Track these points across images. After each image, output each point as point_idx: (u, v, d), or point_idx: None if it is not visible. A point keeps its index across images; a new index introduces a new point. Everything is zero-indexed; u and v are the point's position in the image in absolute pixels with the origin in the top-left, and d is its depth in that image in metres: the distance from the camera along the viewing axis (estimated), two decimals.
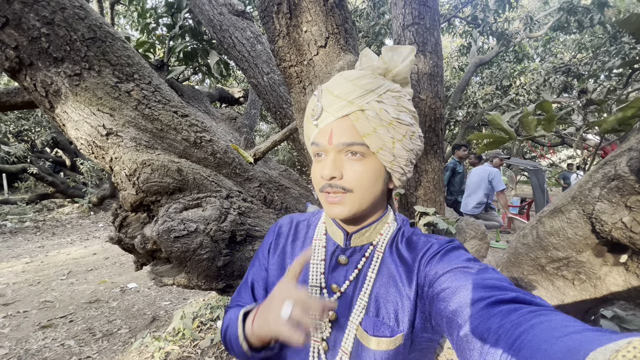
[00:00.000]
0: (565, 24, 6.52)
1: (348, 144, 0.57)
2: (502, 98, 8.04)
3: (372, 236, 0.66)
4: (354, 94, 0.56)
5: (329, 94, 0.58)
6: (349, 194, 0.58)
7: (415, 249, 0.62)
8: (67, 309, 3.44)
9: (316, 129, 0.60)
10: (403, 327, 0.57)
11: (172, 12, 2.90)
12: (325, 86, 0.60)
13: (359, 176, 0.58)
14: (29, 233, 7.11)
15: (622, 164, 0.79)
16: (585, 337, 0.30)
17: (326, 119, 0.58)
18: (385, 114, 0.57)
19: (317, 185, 0.62)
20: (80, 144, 1.27)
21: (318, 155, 0.61)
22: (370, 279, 0.62)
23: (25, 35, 1.10)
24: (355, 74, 0.59)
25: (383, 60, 0.60)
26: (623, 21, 0.88)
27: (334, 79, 0.61)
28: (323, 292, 0.65)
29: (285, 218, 0.80)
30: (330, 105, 0.58)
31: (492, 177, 4.71)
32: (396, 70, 0.60)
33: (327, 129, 0.58)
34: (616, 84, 4.59)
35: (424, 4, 2.11)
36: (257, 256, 0.78)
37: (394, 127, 0.58)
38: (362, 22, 6.84)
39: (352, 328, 0.59)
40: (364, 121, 0.56)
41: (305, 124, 0.65)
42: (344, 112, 0.56)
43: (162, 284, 1.20)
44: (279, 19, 1.17)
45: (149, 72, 1.35)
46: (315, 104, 0.60)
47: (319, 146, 0.59)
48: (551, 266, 1.03)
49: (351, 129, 0.57)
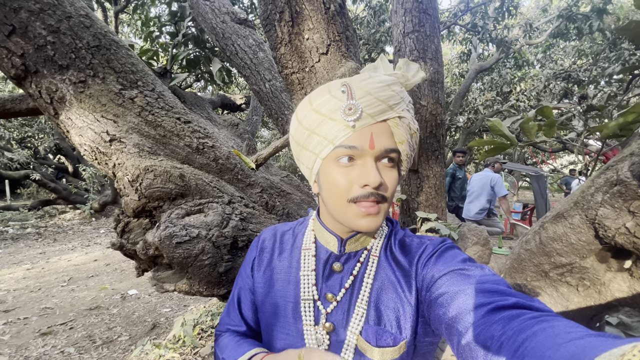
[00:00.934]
0: (565, 31, 6.57)
1: (390, 150, 0.54)
2: (502, 104, 8.06)
3: (366, 241, 0.64)
4: (392, 99, 0.55)
5: (366, 93, 0.53)
6: (383, 204, 0.55)
7: (410, 252, 0.61)
8: (67, 315, 3.43)
9: (350, 130, 0.53)
10: (406, 333, 0.56)
11: (176, 21, 2.94)
12: (357, 84, 0.55)
13: (393, 184, 0.56)
14: (30, 239, 7.11)
15: (624, 169, 0.79)
16: (589, 342, 0.29)
17: (365, 121, 0.53)
18: (412, 124, 0.58)
19: (347, 194, 0.54)
20: (83, 150, 1.28)
21: (350, 158, 0.54)
22: (367, 284, 0.60)
23: (32, 43, 1.12)
24: (388, 79, 0.57)
25: (403, 71, 0.61)
26: (622, 28, 0.89)
27: (364, 78, 0.56)
28: (317, 304, 0.62)
29: (268, 231, 0.75)
30: (371, 106, 0.53)
31: (494, 182, 4.70)
32: (409, 83, 0.61)
33: (365, 131, 0.53)
34: (616, 90, 4.61)
35: (424, 12, 2.13)
36: (241, 274, 0.74)
37: (415, 137, 0.59)
38: (362, 29, 6.91)
39: (352, 338, 0.57)
40: (401, 128, 0.56)
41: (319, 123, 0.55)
42: (385, 116, 0.54)
43: (164, 290, 1.19)
44: (281, 27, 1.19)
45: (152, 79, 1.36)
46: (350, 102, 0.53)
47: (357, 150, 0.53)
48: (555, 272, 1.03)
49: (390, 134, 0.55)
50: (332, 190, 0.56)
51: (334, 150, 0.54)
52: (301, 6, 1.15)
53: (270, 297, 0.67)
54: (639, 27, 0.86)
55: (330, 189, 0.56)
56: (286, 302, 0.65)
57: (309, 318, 0.61)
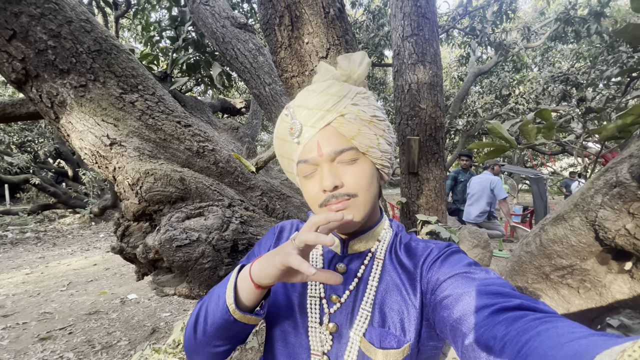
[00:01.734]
0: (563, 34, 6.61)
1: (339, 151, 0.57)
2: (501, 107, 8.09)
3: (369, 243, 0.65)
4: (329, 102, 0.57)
5: (303, 109, 0.58)
6: (354, 199, 0.57)
7: (416, 256, 0.62)
8: (66, 320, 3.41)
9: (299, 147, 0.58)
10: (410, 336, 0.56)
11: (176, 25, 2.95)
12: (296, 104, 0.60)
13: (358, 178, 0.57)
14: (29, 244, 7.10)
15: (624, 171, 0.79)
16: (592, 341, 0.30)
17: (308, 133, 0.57)
18: (363, 113, 0.58)
19: (316, 201, 0.59)
20: (84, 154, 1.28)
21: (307, 174, 0.59)
22: (372, 287, 0.60)
23: (32, 47, 1.12)
24: (322, 86, 0.59)
25: (342, 69, 0.62)
26: (620, 31, 0.90)
27: (301, 94, 0.61)
28: (322, 302, 0.62)
29: (286, 222, 0.78)
30: (309, 118, 0.57)
31: (494, 185, 4.70)
32: (356, 75, 0.62)
33: (312, 142, 0.57)
34: (615, 92, 4.63)
35: (423, 16, 2.15)
36: (253, 256, 0.74)
37: (374, 124, 0.59)
38: (362, 33, 6.95)
39: (355, 340, 0.57)
40: (347, 124, 0.56)
41: (281, 147, 0.63)
42: (325, 121, 0.56)
43: (164, 294, 1.19)
44: (280, 31, 1.19)
45: (152, 83, 1.37)
46: (292, 122, 0.59)
47: (309, 161, 0.58)
48: (555, 274, 1.02)
49: (337, 135, 0.57)
50: (308, 201, 0.62)
51: (298, 167, 0.60)
52: (301, 10, 1.16)
53: (280, 288, 0.68)
54: (637, 30, 0.87)
55: (307, 200, 0.62)
56: (294, 296, 0.65)
57: (315, 316, 0.61)
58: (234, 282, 0.55)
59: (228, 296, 0.54)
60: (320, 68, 0.65)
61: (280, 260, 0.48)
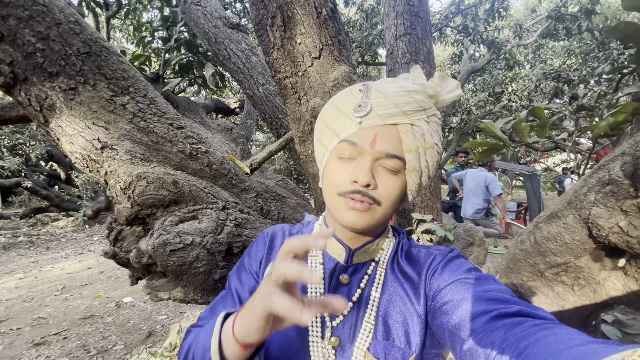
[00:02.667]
0: (554, 32, 6.67)
1: (390, 155, 0.53)
2: (495, 105, 8.14)
3: (374, 253, 0.62)
4: (409, 105, 0.53)
5: (380, 94, 0.54)
6: (375, 207, 0.54)
7: (419, 264, 0.60)
8: (61, 325, 3.37)
9: (355, 127, 0.54)
10: (415, 348, 0.54)
11: (168, 26, 2.93)
12: (376, 86, 0.56)
13: (391, 191, 0.54)
14: (22, 248, 7.00)
15: (616, 169, 0.79)
16: (591, 349, 0.30)
17: (373, 121, 0.53)
18: (429, 136, 0.55)
19: (338, 188, 0.55)
20: (75, 158, 1.26)
21: (348, 157, 0.55)
22: (375, 299, 0.58)
23: (21, 51, 1.10)
24: (411, 87, 0.56)
25: (435, 84, 0.58)
26: (611, 29, 0.91)
27: (387, 82, 0.57)
28: (324, 315, 0.58)
29: (276, 229, 0.72)
30: (382, 107, 0.53)
31: (489, 182, 4.73)
32: (442, 98, 0.59)
33: (371, 131, 0.53)
34: (606, 89, 4.67)
35: (416, 15, 2.15)
36: (244, 268, 0.67)
37: (432, 152, 0.56)
38: (355, 33, 6.95)
39: (360, 355, 0.54)
40: (411, 136, 0.53)
41: (333, 118, 0.57)
42: (395, 121, 0.53)
43: (158, 299, 1.18)
44: (273, 32, 1.18)
45: (144, 86, 1.35)
46: (363, 100, 0.54)
47: (357, 147, 0.54)
48: (550, 272, 1.03)
49: (397, 140, 0.53)
50: (328, 183, 0.57)
51: (338, 145, 0.56)
52: (293, 11, 1.15)
53: None
54: (628, 28, 0.88)
55: (328, 181, 0.57)
56: None
57: (317, 330, 0.58)
58: (218, 341, 0.45)
59: (214, 356, 0.45)
60: (415, 70, 0.61)
61: (262, 307, 0.38)
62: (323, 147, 0.60)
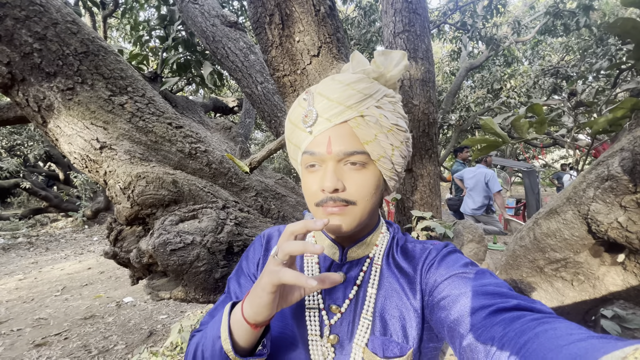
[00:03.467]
0: (552, 28, 6.66)
1: (349, 153, 0.53)
2: (493, 101, 8.14)
3: (368, 248, 0.63)
4: (352, 98, 0.53)
5: (323, 98, 0.54)
6: (351, 207, 0.54)
7: (414, 258, 0.60)
8: (61, 325, 3.37)
9: (309, 137, 0.54)
10: (412, 342, 0.54)
11: (165, 25, 2.91)
12: (317, 90, 0.55)
13: (361, 187, 0.54)
14: (22, 249, 6.99)
15: (615, 164, 0.80)
16: (591, 344, 0.29)
17: (322, 126, 0.53)
18: (385, 120, 0.54)
19: (313, 198, 0.55)
20: (73, 159, 1.26)
21: (311, 165, 0.55)
22: (372, 295, 0.58)
23: (18, 51, 1.10)
24: (351, 78, 0.55)
25: (377, 65, 0.57)
26: (610, 25, 0.90)
27: (326, 82, 0.56)
28: (322, 314, 0.59)
29: (272, 230, 0.72)
30: (327, 110, 0.53)
31: (488, 178, 4.73)
32: (389, 75, 0.57)
33: (323, 136, 0.53)
34: (604, 85, 4.68)
35: (414, 12, 2.14)
36: (242, 272, 0.68)
37: (393, 133, 0.55)
38: (353, 30, 6.92)
39: (358, 351, 0.55)
40: (364, 128, 0.53)
41: (291, 132, 0.58)
42: (343, 118, 0.52)
43: (159, 299, 1.18)
44: (271, 30, 1.18)
45: (142, 85, 1.35)
46: (308, 109, 0.54)
47: (315, 155, 0.54)
48: (550, 267, 1.03)
49: (351, 136, 0.53)
50: (305, 194, 0.58)
51: (302, 157, 0.57)
52: (291, 9, 1.15)
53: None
54: (626, 24, 0.88)
55: (305, 193, 0.58)
56: (289, 309, 0.61)
57: (315, 328, 0.58)
58: (227, 327, 0.49)
59: (224, 342, 0.49)
60: (353, 57, 0.59)
61: (270, 281, 0.43)
62: (294, 161, 0.62)
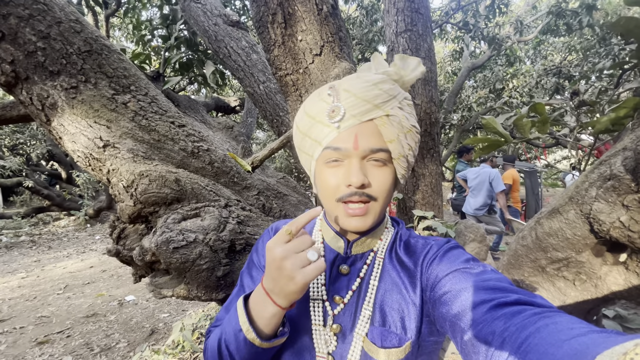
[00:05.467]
0: (555, 27, 6.63)
1: (375, 150, 0.55)
2: (495, 101, 8.12)
3: (372, 243, 0.65)
4: (379, 98, 0.54)
5: (350, 94, 0.55)
6: (372, 203, 0.56)
7: (415, 253, 0.62)
8: (64, 324, 3.39)
9: (335, 132, 0.55)
10: (410, 334, 0.56)
11: (167, 24, 2.92)
12: (343, 86, 0.56)
13: (382, 184, 0.56)
14: (24, 247, 7.03)
15: (618, 164, 0.79)
16: (592, 339, 0.30)
17: (350, 122, 0.54)
18: (406, 120, 0.56)
19: (336, 193, 0.56)
20: (77, 157, 1.26)
21: (334, 161, 0.56)
22: (373, 287, 0.60)
23: (22, 49, 1.10)
24: (376, 78, 0.56)
25: (397, 67, 0.59)
26: (613, 24, 0.90)
27: (351, 79, 0.57)
28: (325, 305, 0.61)
29: (280, 223, 0.75)
30: (355, 107, 0.54)
31: (492, 178, 4.72)
32: (407, 79, 0.59)
33: (350, 132, 0.54)
34: (607, 85, 4.65)
35: (416, 11, 2.14)
36: (253, 264, 0.72)
37: (411, 134, 0.57)
38: (355, 29, 6.92)
39: (359, 340, 0.57)
40: (389, 127, 0.55)
41: (309, 127, 0.58)
42: (370, 116, 0.54)
43: (161, 296, 1.19)
44: (274, 29, 1.18)
45: (145, 84, 1.35)
46: (335, 104, 0.55)
47: (341, 151, 0.55)
48: (551, 267, 1.03)
49: (376, 134, 0.55)
50: (323, 190, 0.59)
51: (323, 152, 0.57)
52: (294, 8, 1.15)
53: None
54: (629, 23, 0.87)
55: (322, 189, 0.59)
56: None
57: (318, 318, 0.60)
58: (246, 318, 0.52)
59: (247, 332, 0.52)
60: (374, 58, 0.62)
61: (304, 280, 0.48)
62: (307, 156, 0.61)
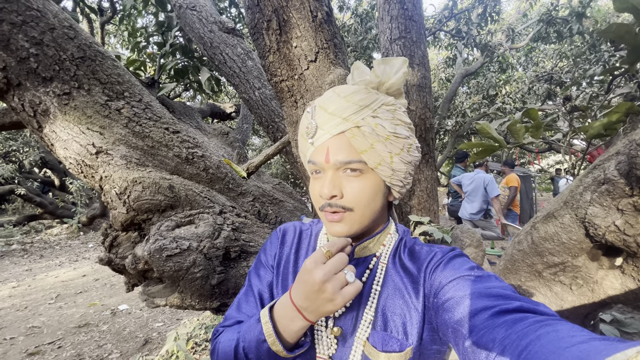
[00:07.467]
0: (545, 35, 6.76)
1: (346, 162, 0.56)
2: (489, 107, 8.21)
3: (375, 247, 0.65)
4: (348, 110, 0.55)
5: (322, 111, 0.57)
6: (349, 213, 0.57)
7: (419, 260, 0.62)
8: (55, 334, 3.31)
9: (312, 147, 0.59)
10: (412, 340, 0.56)
11: (163, 31, 2.92)
12: (318, 103, 0.59)
13: (358, 194, 0.57)
14: (16, 256, 6.90)
15: (611, 168, 0.80)
16: (593, 347, 0.29)
17: (321, 137, 0.57)
18: (381, 129, 0.56)
19: (317, 203, 0.60)
20: (69, 164, 1.25)
21: (316, 172, 0.60)
22: (376, 291, 0.60)
23: (14, 55, 1.09)
24: (348, 90, 0.58)
25: (375, 74, 0.59)
26: (604, 30, 0.92)
27: (326, 95, 0.60)
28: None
29: (288, 225, 0.78)
30: (325, 122, 0.57)
31: (487, 183, 4.75)
32: (389, 83, 0.59)
33: (323, 146, 0.57)
34: (598, 90, 4.73)
35: (410, 19, 2.17)
36: (260, 264, 0.73)
37: (391, 141, 0.57)
38: (350, 37, 6.99)
39: (359, 344, 0.57)
40: (360, 138, 0.55)
41: (300, 141, 0.64)
42: (339, 130, 0.56)
43: (155, 305, 1.16)
44: (269, 35, 1.19)
45: (139, 90, 1.34)
46: (309, 121, 0.59)
47: (316, 164, 0.58)
48: (548, 272, 1.03)
49: (348, 146, 0.56)
50: (312, 198, 0.63)
51: (308, 164, 0.61)
52: (289, 15, 1.16)
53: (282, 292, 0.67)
54: (620, 29, 0.89)
55: (311, 198, 0.63)
56: None
57: (321, 320, 0.61)
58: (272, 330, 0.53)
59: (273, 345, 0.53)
60: (355, 67, 0.62)
61: (343, 301, 0.49)
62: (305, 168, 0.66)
